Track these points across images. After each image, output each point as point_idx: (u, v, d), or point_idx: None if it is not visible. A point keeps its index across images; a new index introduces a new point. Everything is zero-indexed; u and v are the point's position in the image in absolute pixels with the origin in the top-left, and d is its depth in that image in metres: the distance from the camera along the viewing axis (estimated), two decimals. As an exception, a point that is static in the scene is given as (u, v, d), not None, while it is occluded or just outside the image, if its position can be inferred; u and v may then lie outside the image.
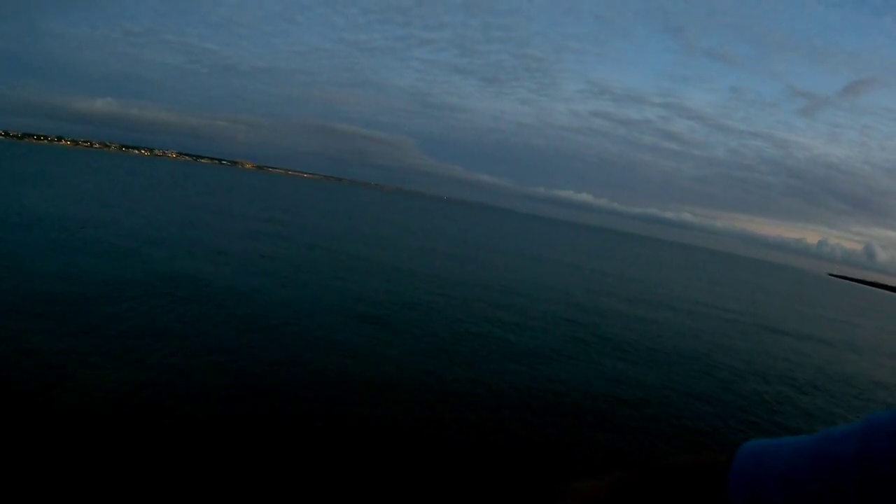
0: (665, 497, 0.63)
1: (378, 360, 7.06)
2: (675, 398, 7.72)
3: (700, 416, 7.20)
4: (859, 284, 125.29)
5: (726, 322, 16.33)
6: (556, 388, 7.01)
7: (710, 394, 8.30)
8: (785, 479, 0.55)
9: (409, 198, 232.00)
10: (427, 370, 6.66)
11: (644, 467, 0.68)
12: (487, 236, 35.21)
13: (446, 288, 12.13)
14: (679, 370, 9.33)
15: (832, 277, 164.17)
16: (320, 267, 12.95)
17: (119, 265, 10.13)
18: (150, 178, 47.23)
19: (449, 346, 7.90)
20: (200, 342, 6.94)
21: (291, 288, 10.59)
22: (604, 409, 6.67)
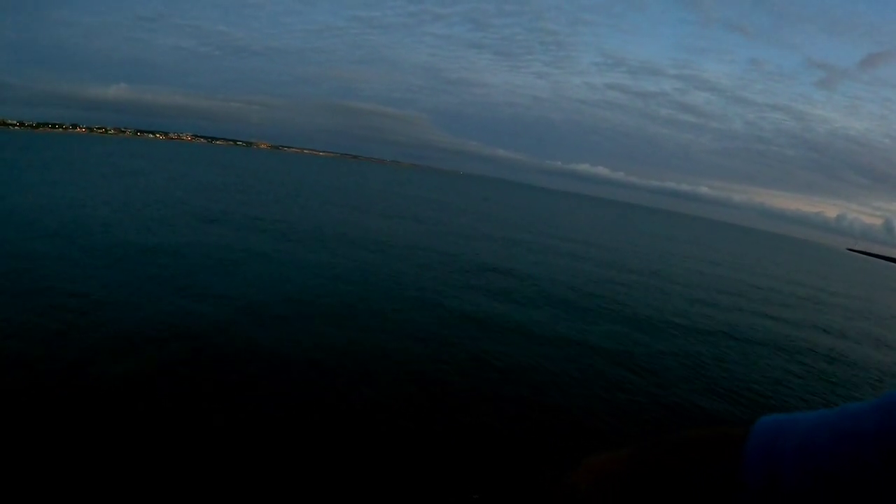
0: (678, 470, 0.63)
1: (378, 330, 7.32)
2: (691, 370, 7.87)
3: (717, 390, 7.44)
4: (879, 260, 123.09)
5: (746, 299, 16.35)
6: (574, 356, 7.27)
7: (726, 368, 8.59)
8: (802, 454, 0.54)
9: (427, 174, 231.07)
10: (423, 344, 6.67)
11: (657, 440, 0.67)
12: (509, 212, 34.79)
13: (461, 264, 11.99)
14: (700, 345, 9.59)
15: (851, 252, 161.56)
16: (327, 243, 12.88)
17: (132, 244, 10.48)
18: (166, 161, 47.46)
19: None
20: (202, 321, 7.27)
21: (301, 266, 11.02)
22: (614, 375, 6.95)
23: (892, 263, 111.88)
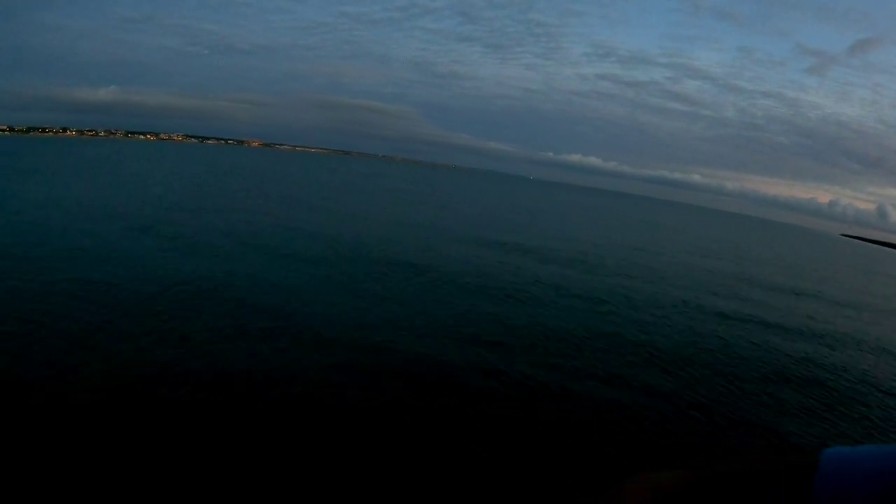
0: (745, 496, 0.63)
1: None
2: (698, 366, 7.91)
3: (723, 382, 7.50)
4: (873, 245, 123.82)
5: (746, 285, 16.22)
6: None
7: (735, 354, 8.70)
8: (874, 483, 0.55)
9: (418, 168, 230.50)
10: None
11: (721, 465, 0.68)
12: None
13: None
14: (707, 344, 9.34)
15: (845, 238, 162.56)
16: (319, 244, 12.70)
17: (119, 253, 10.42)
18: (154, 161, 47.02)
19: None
20: (198, 324, 7.39)
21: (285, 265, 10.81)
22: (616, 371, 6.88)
23: (886, 248, 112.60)
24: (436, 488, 4.34)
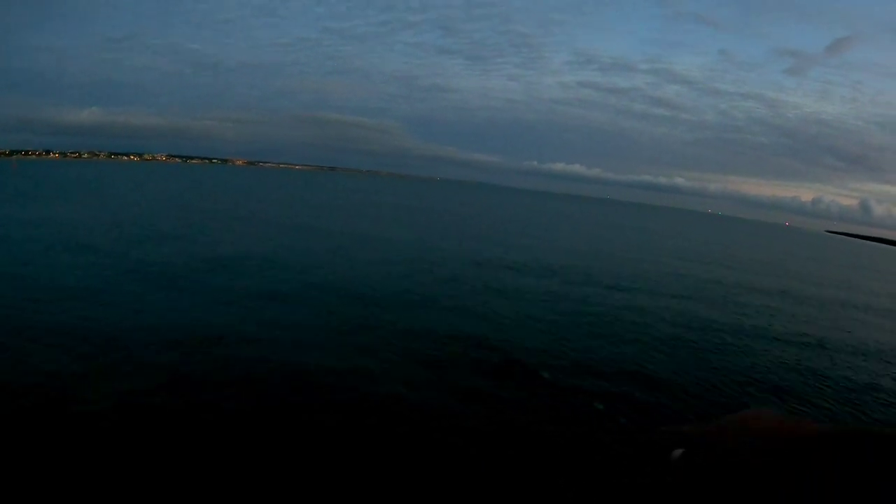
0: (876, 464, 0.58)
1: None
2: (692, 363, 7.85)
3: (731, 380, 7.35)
4: (858, 240, 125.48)
5: (748, 285, 16.13)
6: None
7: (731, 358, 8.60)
8: None
9: (405, 182, 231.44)
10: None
11: (845, 429, 0.63)
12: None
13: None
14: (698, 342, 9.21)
15: (830, 234, 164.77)
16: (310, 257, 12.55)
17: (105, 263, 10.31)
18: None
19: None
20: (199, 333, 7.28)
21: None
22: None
23: (870, 242, 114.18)
24: (434, 488, 4.27)
